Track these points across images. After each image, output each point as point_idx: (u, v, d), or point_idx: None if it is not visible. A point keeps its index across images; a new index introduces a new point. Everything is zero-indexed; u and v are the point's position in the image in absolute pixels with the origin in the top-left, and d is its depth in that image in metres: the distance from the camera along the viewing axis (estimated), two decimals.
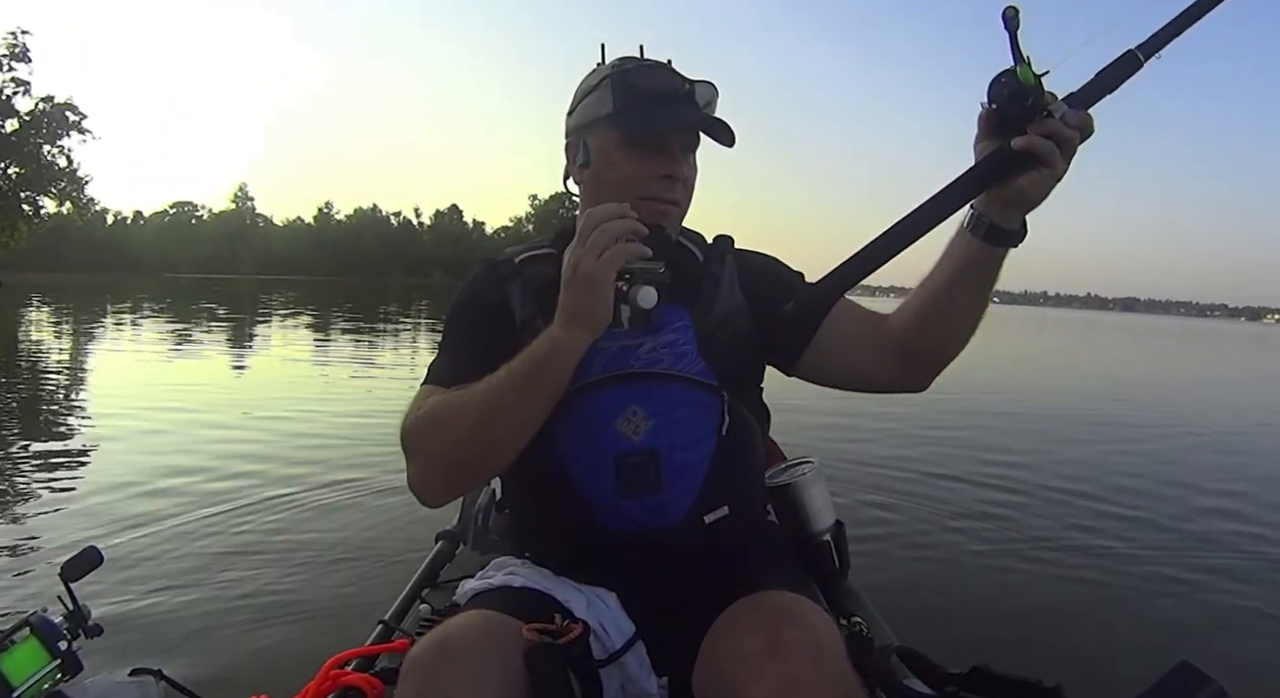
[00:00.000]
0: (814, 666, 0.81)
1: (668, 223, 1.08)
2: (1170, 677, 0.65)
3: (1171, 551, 3.19)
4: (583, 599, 1.02)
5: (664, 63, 1.08)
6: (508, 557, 1.15)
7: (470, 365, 0.99)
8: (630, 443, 1.03)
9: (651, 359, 1.05)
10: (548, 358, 0.91)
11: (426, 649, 0.86)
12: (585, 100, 1.09)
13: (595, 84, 1.07)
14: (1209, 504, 3.87)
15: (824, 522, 1.43)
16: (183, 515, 3.39)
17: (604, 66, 1.10)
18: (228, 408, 6.35)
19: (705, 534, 1.05)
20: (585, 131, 1.08)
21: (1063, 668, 2.10)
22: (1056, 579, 2.86)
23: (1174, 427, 6.08)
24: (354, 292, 31.18)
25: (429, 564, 1.62)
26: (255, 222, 75.86)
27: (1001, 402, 7.22)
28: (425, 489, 1.00)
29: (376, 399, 7.17)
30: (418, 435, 0.98)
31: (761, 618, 0.88)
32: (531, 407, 0.94)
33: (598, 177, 1.08)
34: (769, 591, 0.95)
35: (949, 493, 3.99)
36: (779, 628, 0.85)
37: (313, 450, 4.70)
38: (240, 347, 12.35)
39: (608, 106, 1.05)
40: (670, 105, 1.04)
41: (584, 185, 1.11)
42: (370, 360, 10.55)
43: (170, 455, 4.51)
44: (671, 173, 1.05)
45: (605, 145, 1.06)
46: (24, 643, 0.97)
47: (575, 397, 1.03)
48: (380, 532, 3.20)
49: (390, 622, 1.35)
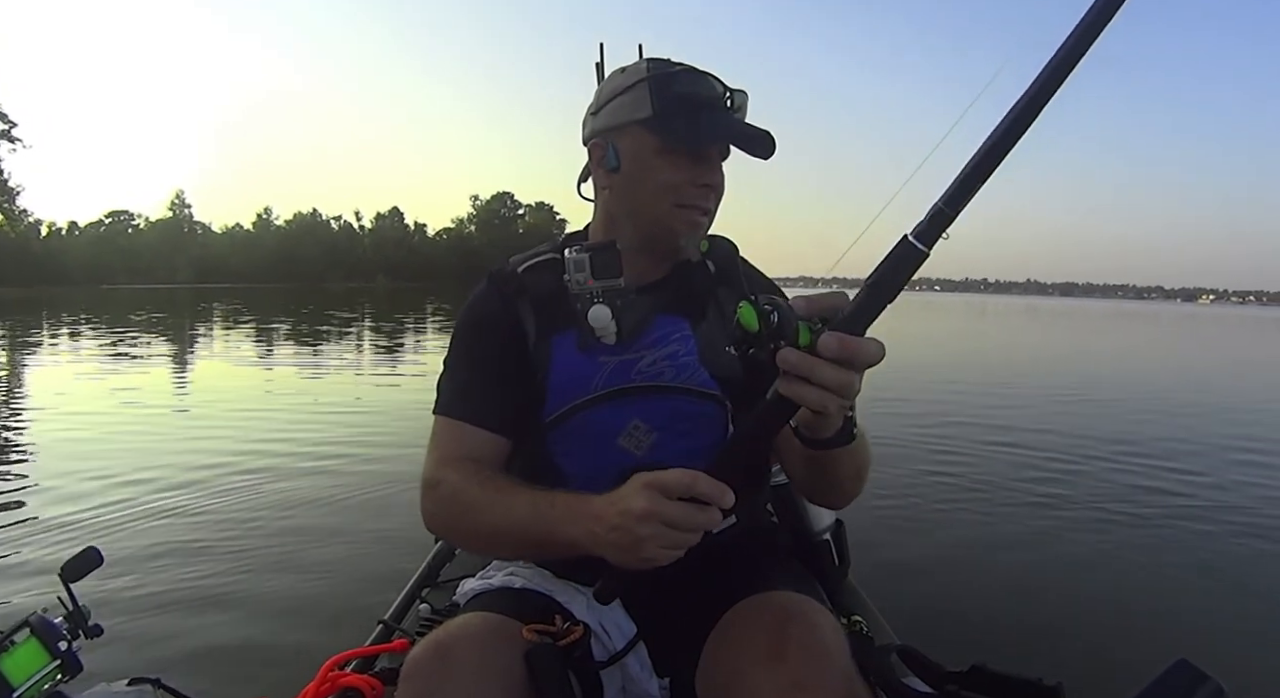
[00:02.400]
0: (820, 666, 0.81)
1: (700, 232, 1.07)
2: (1169, 675, 0.65)
3: (1172, 548, 3.19)
4: (583, 600, 1.02)
5: (702, 70, 1.05)
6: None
7: (486, 397, 1.03)
8: (633, 458, 1.02)
9: (653, 372, 1.04)
10: (563, 546, 0.87)
11: (426, 651, 0.86)
12: (615, 101, 1.04)
13: (629, 85, 1.03)
14: (1207, 503, 3.87)
15: (824, 520, 1.44)
16: (180, 517, 3.39)
17: (636, 67, 1.06)
18: (221, 412, 6.34)
19: (711, 542, 1.05)
20: (615, 134, 1.05)
21: (1062, 666, 2.11)
22: (1056, 578, 2.86)
23: (1174, 424, 6.08)
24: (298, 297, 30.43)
25: (428, 564, 1.62)
26: (193, 229, 74.49)
27: (1001, 400, 7.22)
28: (434, 531, 1.09)
29: (372, 401, 7.17)
30: (441, 505, 0.99)
31: (767, 619, 0.88)
32: (545, 552, 0.96)
33: (631, 182, 1.04)
34: (773, 591, 0.95)
35: (949, 491, 3.99)
36: (784, 629, 0.85)
37: (311, 452, 4.69)
38: (223, 355, 12.34)
39: (644, 110, 1.01)
40: (712, 113, 1.02)
41: (611, 190, 1.07)
42: (357, 366, 10.54)
43: (166, 458, 4.51)
44: (710, 182, 1.04)
45: (640, 150, 1.03)
46: (24, 643, 0.97)
47: (577, 413, 1.02)
48: (379, 531, 3.19)
49: (390, 622, 1.35)
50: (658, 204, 1.04)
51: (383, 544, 3.02)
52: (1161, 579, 2.84)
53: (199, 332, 15.67)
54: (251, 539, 3.12)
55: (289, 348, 12.42)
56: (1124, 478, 4.37)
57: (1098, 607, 2.58)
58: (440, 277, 68.74)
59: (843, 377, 0.68)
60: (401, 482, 3.89)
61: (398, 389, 7.90)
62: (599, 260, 1.03)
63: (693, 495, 0.76)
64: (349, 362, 10.50)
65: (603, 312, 1.01)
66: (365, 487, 3.89)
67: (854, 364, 0.68)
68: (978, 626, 2.42)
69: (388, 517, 3.38)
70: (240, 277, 60.93)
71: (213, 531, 3.20)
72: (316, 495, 3.74)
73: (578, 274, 1.03)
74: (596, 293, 1.03)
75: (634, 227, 1.07)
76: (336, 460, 4.44)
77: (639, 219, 1.06)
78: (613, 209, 1.09)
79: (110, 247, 64.82)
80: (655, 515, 0.75)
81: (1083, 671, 2.09)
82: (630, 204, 1.06)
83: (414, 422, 5.90)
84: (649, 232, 1.06)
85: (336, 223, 79.53)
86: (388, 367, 9.97)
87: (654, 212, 1.04)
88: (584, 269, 1.03)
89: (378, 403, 6.87)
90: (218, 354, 11.45)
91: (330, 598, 2.54)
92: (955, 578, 2.83)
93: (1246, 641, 2.36)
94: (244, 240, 74.33)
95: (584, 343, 1.04)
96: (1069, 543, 3.24)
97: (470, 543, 1.11)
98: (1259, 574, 2.94)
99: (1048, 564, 3.00)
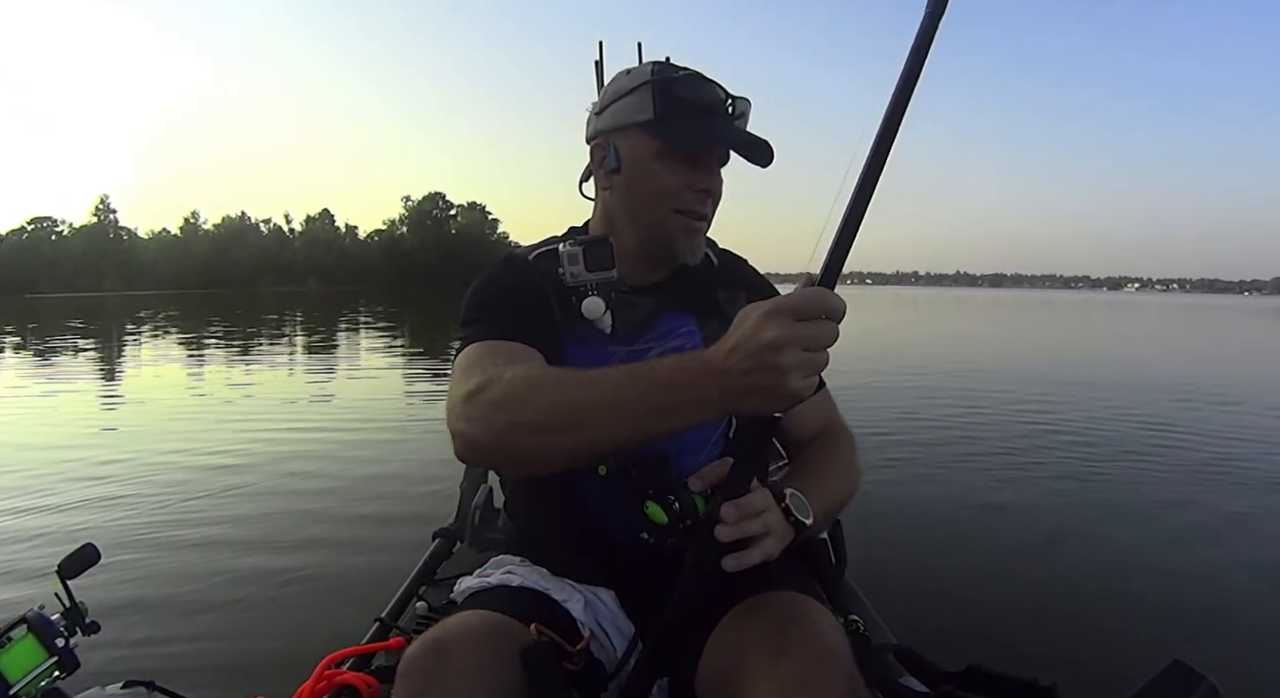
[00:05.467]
0: (820, 666, 0.81)
1: (698, 237, 1.08)
2: (1163, 676, 0.65)
3: (1168, 549, 3.20)
4: (580, 600, 1.02)
5: (703, 74, 1.06)
6: (505, 555, 1.14)
7: (522, 320, 1.00)
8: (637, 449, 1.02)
9: None
10: (681, 390, 0.75)
11: (423, 649, 0.86)
12: (619, 102, 1.06)
13: (633, 87, 1.04)
14: (1204, 501, 3.88)
15: None
16: (177, 516, 3.39)
17: (641, 70, 1.06)
18: (213, 415, 6.34)
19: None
20: (617, 135, 1.06)
21: (1058, 667, 2.11)
22: (1052, 578, 2.86)
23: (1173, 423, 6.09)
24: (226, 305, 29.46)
25: (425, 562, 1.62)
26: (119, 235, 71.95)
27: (1000, 398, 7.23)
28: (480, 446, 0.85)
29: (367, 400, 7.17)
30: (494, 403, 0.82)
31: (768, 619, 0.88)
32: (656, 427, 0.78)
33: (631, 185, 1.06)
34: (774, 591, 0.95)
35: (946, 491, 4.00)
36: (785, 629, 0.85)
37: (307, 450, 4.69)
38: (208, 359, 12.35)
39: (646, 112, 1.02)
40: (712, 118, 1.03)
41: (611, 191, 1.09)
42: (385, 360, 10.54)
43: (163, 458, 4.50)
44: (708, 187, 1.05)
45: (640, 152, 1.04)
46: (21, 640, 0.96)
47: None
48: (376, 530, 3.19)
49: (386, 620, 1.35)
50: (656, 208, 1.05)
51: (379, 542, 3.02)
52: (1157, 579, 2.84)
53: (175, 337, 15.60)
54: (248, 538, 3.12)
55: (269, 349, 12.41)
56: (1121, 479, 4.38)
57: (1094, 607, 2.59)
58: (372, 280, 67.38)
59: (753, 525, 0.82)
60: (398, 479, 3.89)
61: (394, 391, 7.91)
62: (592, 253, 1.05)
63: (823, 313, 0.70)
64: (343, 362, 10.50)
65: (597, 304, 1.04)
66: (362, 485, 3.89)
67: (752, 515, 0.82)
68: (974, 626, 2.42)
69: (385, 515, 3.38)
70: (168, 283, 58.41)
71: (210, 529, 3.20)
72: (313, 494, 3.74)
73: (572, 267, 1.05)
74: (591, 285, 1.04)
75: (633, 228, 1.09)
76: (333, 460, 4.44)
77: (637, 221, 1.08)
78: (613, 210, 1.10)
79: (33, 255, 62.39)
80: (793, 341, 0.69)
81: (1078, 671, 2.10)
82: (629, 206, 1.08)
83: (411, 423, 5.90)
84: (647, 234, 1.08)
85: (266, 226, 77.69)
86: (380, 367, 9.97)
87: (652, 215, 1.06)
88: (578, 262, 1.05)
89: (373, 404, 6.86)
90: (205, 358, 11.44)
91: (327, 596, 2.55)
92: (951, 578, 2.83)
93: (1240, 640, 2.37)
94: (171, 246, 72.06)
95: (582, 335, 1.05)
96: (1065, 544, 3.25)
97: (542, 441, 0.80)
98: (1253, 575, 2.95)
99: (1044, 565, 3.00)
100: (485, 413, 0.82)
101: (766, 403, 0.72)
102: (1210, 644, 2.33)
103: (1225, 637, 2.39)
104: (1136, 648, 2.27)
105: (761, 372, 0.70)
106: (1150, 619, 2.52)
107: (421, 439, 5.04)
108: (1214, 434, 5.69)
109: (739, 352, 0.71)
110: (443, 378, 7.96)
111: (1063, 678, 0.89)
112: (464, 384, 0.87)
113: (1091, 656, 2.21)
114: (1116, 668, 2.09)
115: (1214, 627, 2.46)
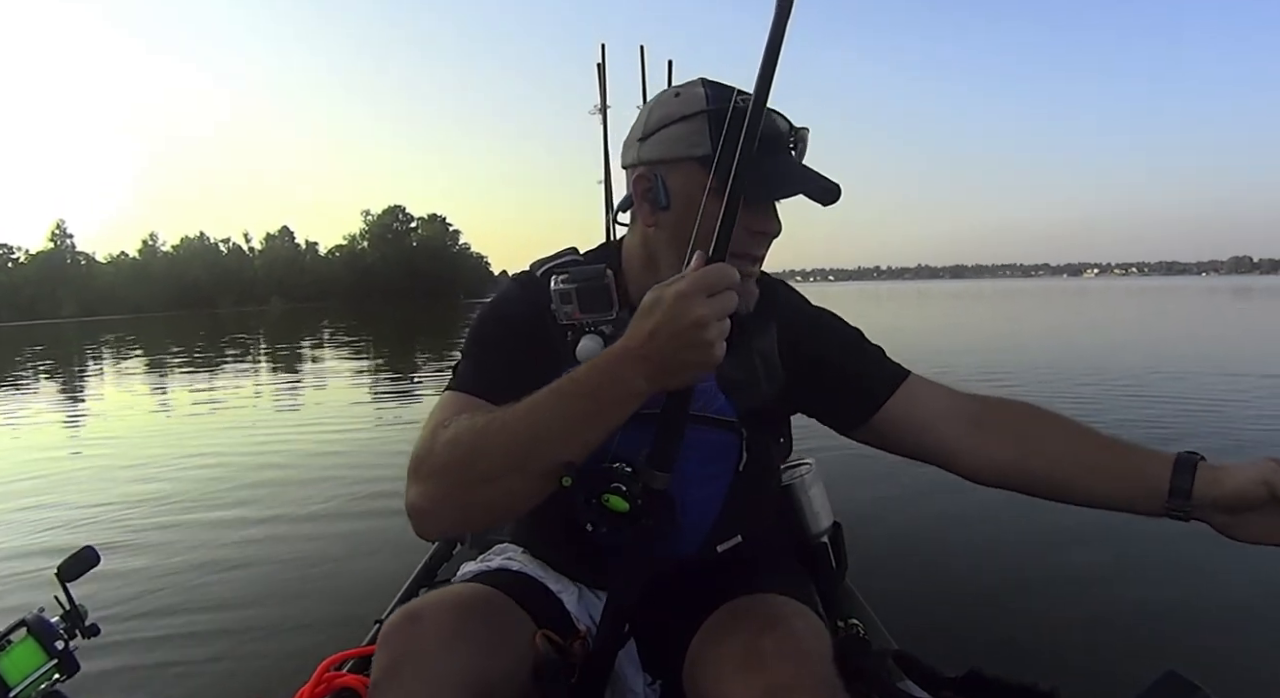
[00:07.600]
0: (796, 673, 0.80)
1: (750, 281, 0.98)
2: (1158, 686, 0.65)
3: (1167, 559, 3.19)
4: (575, 593, 1.03)
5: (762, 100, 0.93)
6: (509, 543, 1.14)
7: (509, 372, 0.89)
8: None
9: None
10: (604, 391, 0.77)
11: (401, 618, 0.86)
12: (667, 130, 0.94)
13: (685, 114, 0.92)
14: None
15: (822, 523, 1.44)
16: (178, 519, 3.39)
17: (693, 93, 0.94)
18: (212, 424, 6.35)
19: (717, 559, 1.04)
20: (665, 168, 0.94)
21: (1057, 674, 2.10)
22: (1053, 585, 2.85)
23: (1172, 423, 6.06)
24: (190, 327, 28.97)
25: (426, 564, 1.63)
26: (76, 260, 71.78)
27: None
28: (426, 515, 0.84)
29: (364, 406, 7.18)
30: (440, 464, 0.82)
31: (746, 624, 0.88)
32: (597, 430, 0.79)
33: (681, 224, 0.92)
34: (758, 594, 0.94)
35: (947, 495, 3.98)
36: (759, 636, 0.84)
37: (307, 454, 4.70)
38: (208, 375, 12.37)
39: (703, 147, 0.90)
40: (777, 156, 0.91)
41: (658, 228, 0.96)
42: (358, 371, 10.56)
43: (162, 463, 4.51)
44: (767, 230, 0.96)
45: (694, 190, 0.91)
46: (21, 643, 0.96)
47: None
48: (376, 532, 3.20)
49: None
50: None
51: (379, 545, 3.03)
52: (1156, 589, 2.83)
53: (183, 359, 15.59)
54: (248, 541, 3.12)
55: (270, 364, 12.42)
56: None
57: (1097, 613, 2.58)
58: (334, 296, 66.75)
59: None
60: (398, 481, 3.89)
61: (393, 396, 7.92)
62: (586, 295, 0.97)
63: (727, 285, 0.75)
64: (338, 375, 10.51)
65: (592, 346, 0.95)
66: (362, 487, 3.89)
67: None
68: (974, 631, 2.42)
69: (384, 517, 3.38)
70: (128, 307, 57.97)
71: (210, 533, 3.21)
72: (313, 498, 3.74)
73: (564, 305, 0.97)
74: (587, 324, 0.97)
75: (679, 271, 0.93)
76: (332, 464, 4.44)
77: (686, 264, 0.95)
78: (656, 247, 0.98)
79: None
80: (714, 315, 0.73)
81: (1080, 677, 2.09)
82: (678, 247, 0.92)
83: (411, 425, 5.90)
84: None
85: (225, 245, 77.61)
86: (377, 379, 9.98)
87: None
88: (570, 301, 0.97)
89: (371, 409, 6.87)
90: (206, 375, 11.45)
91: (327, 599, 2.55)
92: (952, 583, 2.83)
93: (1235, 651, 2.36)
94: (130, 269, 71.74)
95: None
96: (1067, 551, 3.23)
97: (493, 487, 0.80)
98: (1249, 586, 2.94)
99: (1044, 572, 2.99)
100: (435, 474, 0.82)
101: (698, 374, 0.77)
102: (1211, 652, 2.32)
103: (1226, 645, 2.38)
104: (1135, 657, 2.25)
105: (692, 348, 0.73)
106: (1154, 625, 2.51)
107: None
108: (1214, 434, 5.67)
109: (663, 334, 0.73)
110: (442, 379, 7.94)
111: (1064, 684, 0.89)
112: (417, 442, 0.86)
113: (1095, 661, 2.21)
114: (1121, 674, 2.08)
115: (1215, 634, 2.45)
